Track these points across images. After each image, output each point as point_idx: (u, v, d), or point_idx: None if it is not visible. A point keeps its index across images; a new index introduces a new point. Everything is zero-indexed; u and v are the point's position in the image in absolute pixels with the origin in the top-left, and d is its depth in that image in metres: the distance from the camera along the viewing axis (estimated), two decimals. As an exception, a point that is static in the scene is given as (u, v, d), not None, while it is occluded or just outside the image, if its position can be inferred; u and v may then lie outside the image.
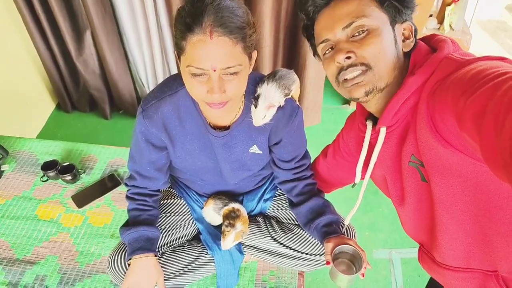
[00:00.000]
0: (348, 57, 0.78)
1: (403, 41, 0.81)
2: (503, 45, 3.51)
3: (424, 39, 0.85)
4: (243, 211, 1.24)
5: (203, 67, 0.83)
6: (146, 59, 2.41)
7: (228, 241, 1.19)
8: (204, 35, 0.80)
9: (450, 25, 2.36)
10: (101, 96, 2.58)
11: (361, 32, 0.77)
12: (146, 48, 2.33)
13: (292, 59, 2.28)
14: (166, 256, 1.21)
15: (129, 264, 1.13)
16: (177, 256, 1.23)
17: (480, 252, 0.83)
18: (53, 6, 2.10)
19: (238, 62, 0.85)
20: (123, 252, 1.17)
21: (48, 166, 1.59)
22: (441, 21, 2.36)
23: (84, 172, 1.66)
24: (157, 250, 1.19)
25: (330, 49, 0.82)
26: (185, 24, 0.81)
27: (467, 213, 0.78)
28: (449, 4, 2.29)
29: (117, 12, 2.21)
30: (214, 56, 0.82)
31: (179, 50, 0.86)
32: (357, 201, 1.06)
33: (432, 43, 0.82)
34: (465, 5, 2.24)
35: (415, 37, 0.83)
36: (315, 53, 0.91)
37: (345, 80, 0.81)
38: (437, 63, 0.74)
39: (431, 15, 2.42)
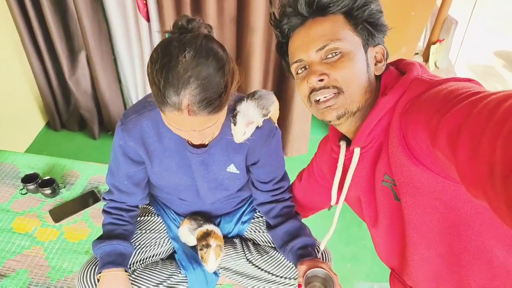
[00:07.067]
0: (321, 80, 0.79)
1: (375, 64, 0.83)
2: (492, 89, 3.60)
3: (392, 63, 0.87)
4: (217, 232, 1.23)
5: (182, 130, 0.87)
6: (138, 82, 2.45)
7: (211, 262, 1.17)
8: (182, 113, 0.80)
9: (435, 64, 2.45)
10: (91, 116, 2.60)
11: (334, 54, 0.78)
12: (138, 71, 2.38)
13: (280, 89, 2.33)
14: (137, 273, 1.19)
15: (98, 279, 1.11)
16: (148, 274, 1.20)
17: (450, 272, 0.82)
18: (50, 26, 2.16)
19: (217, 119, 0.88)
20: (94, 266, 1.14)
21: (28, 179, 1.58)
22: (426, 59, 2.45)
23: (64, 187, 1.65)
24: (129, 266, 1.17)
25: (303, 69, 0.84)
26: (161, 100, 0.79)
27: (436, 231, 0.78)
28: (434, 43, 2.38)
29: (112, 34, 2.28)
30: (193, 126, 0.85)
31: (158, 105, 0.84)
32: (333, 224, 1.05)
33: (401, 66, 0.84)
34: (450, 44, 2.33)
35: (386, 60, 0.85)
36: (288, 70, 0.92)
37: (317, 101, 0.82)
38: (408, 83, 0.76)
39: (416, 53, 2.52)
